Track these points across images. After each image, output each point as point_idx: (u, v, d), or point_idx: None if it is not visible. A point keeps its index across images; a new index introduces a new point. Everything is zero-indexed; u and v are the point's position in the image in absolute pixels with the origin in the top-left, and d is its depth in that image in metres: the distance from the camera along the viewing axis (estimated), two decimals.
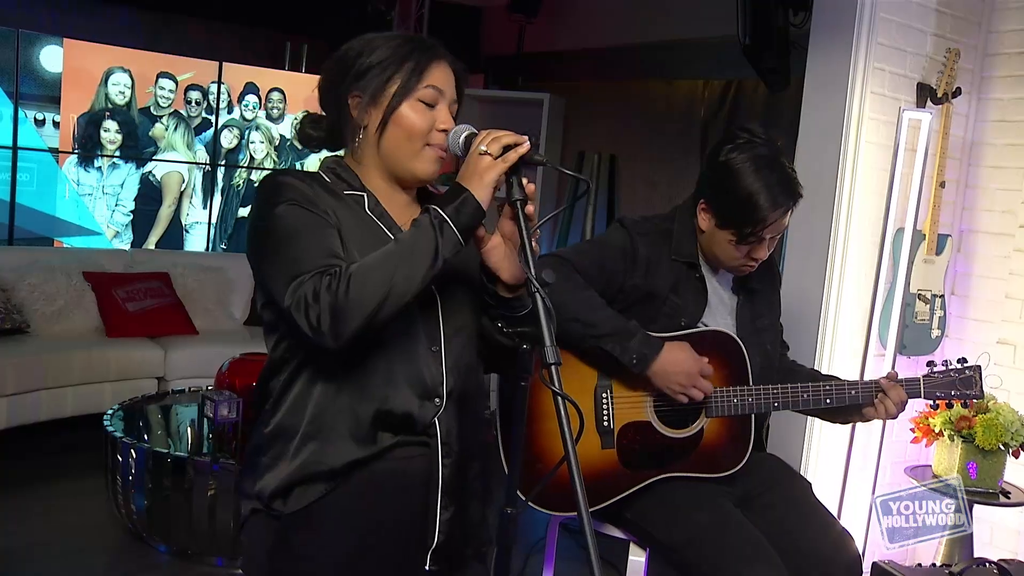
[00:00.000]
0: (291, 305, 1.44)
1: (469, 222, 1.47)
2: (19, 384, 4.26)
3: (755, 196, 2.11)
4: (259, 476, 1.61)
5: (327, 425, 1.56)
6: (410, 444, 1.60)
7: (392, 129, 1.61)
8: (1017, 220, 3.30)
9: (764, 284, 2.37)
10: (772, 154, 2.15)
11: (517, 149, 1.46)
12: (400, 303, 1.45)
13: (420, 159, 1.62)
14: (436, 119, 1.61)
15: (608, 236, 2.33)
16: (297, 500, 1.57)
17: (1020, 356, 3.27)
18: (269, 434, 1.61)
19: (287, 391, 1.60)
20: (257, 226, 1.57)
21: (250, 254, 1.60)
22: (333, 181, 1.63)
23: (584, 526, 1.28)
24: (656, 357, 2.11)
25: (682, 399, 2.14)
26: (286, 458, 1.58)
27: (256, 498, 1.61)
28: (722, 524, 2.09)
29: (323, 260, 1.47)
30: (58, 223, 5.49)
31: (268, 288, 1.53)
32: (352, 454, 1.56)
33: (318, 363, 1.57)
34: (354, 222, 1.59)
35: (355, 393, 1.56)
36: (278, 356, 1.62)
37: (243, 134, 6.10)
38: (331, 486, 1.57)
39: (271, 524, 1.61)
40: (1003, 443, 2.92)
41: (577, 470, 1.30)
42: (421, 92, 1.60)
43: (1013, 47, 3.28)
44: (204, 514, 3.32)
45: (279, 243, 1.51)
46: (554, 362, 1.36)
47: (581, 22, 6.60)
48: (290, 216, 1.52)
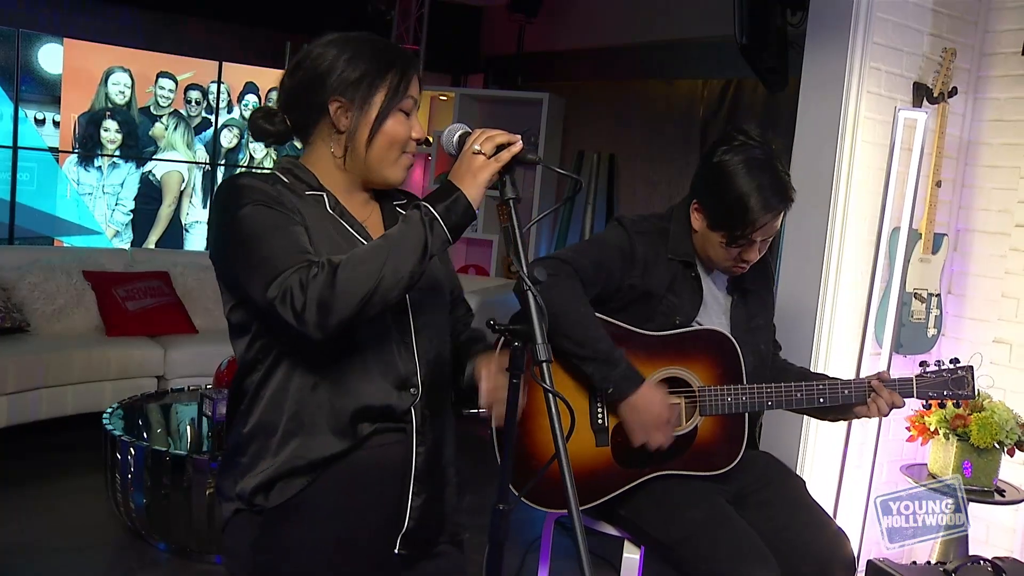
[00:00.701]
0: (275, 298, 1.45)
1: (459, 221, 1.49)
2: (19, 383, 4.28)
3: (746, 198, 2.12)
4: (239, 476, 1.63)
5: (307, 421, 1.59)
6: (388, 431, 1.63)
7: (379, 138, 1.63)
8: (1013, 219, 3.30)
9: (758, 284, 2.38)
10: (766, 157, 2.15)
11: (510, 148, 1.47)
12: (388, 297, 1.46)
13: (397, 166, 1.66)
14: (411, 128, 1.65)
15: (606, 235, 2.34)
16: (279, 494, 1.60)
17: (1016, 355, 3.28)
18: (248, 433, 1.62)
19: (263, 389, 1.62)
20: (223, 229, 1.57)
21: (217, 258, 1.60)
22: (292, 182, 1.65)
23: (574, 522, 1.29)
24: (632, 393, 2.12)
25: (639, 440, 2.14)
26: (268, 455, 1.60)
27: (237, 498, 1.63)
28: (716, 521, 2.10)
29: (299, 256, 1.49)
30: (58, 222, 5.51)
31: (243, 288, 1.54)
32: (334, 447, 1.59)
33: (292, 359, 1.59)
34: (317, 221, 1.61)
35: (332, 388, 1.58)
36: (251, 356, 1.64)
37: (243, 134, 6.11)
38: (312, 478, 1.59)
39: (253, 520, 1.63)
40: (998, 441, 2.93)
41: (568, 467, 1.31)
42: (404, 103, 1.64)
43: (1009, 47, 3.29)
44: (203, 512, 3.33)
45: (250, 243, 1.51)
46: (545, 359, 1.37)
47: (581, 22, 6.62)
48: (258, 216, 1.52)
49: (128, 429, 3.57)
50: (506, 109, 6.58)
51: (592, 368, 2.13)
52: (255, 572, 1.64)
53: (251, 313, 1.61)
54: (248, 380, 1.64)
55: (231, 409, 1.70)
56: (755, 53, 3.80)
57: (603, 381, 2.13)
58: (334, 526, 1.60)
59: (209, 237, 1.66)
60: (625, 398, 2.12)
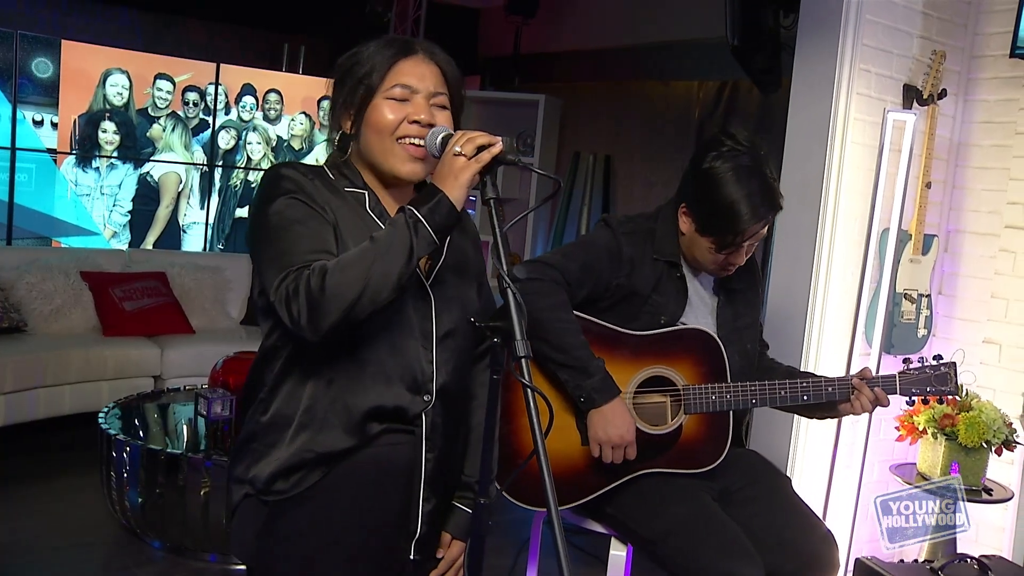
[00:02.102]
0: (275, 300, 1.50)
1: (443, 221, 1.51)
2: (17, 382, 4.31)
3: (736, 206, 2.15)
4: (253, 463, 1.65)
5: (319, 417, 1.61)
6: (397, 431, 1.65)
7: (365, 130, 1.65)
8: (1003, 220, 3.32)
9: (745, 284, 2.41)
10: (755, 164, 2.18)
11: (490, 150, 1.49)
12: (377, 299, 1.48)
13: (394, 156, 1.64)
14: (407, 112, 1.63)
15: (593, 236, 2.36)
16: (291, 486, 1.62)
17: (1006, 355, 3.30)
18: (266, 423, 1.65)
19: (281, 383, 1.65)
20: (256, 217, 1.61)
21: (248, 243, 1.65)
22: (336, 177, 1.68)
23: (552, 517, 1.31)
24: (603, 404, 2.16)
25: (595, 451, 2.18)
26: (281, 446, 1.62)
27: (249, 484, 1.66)
28: (700, 517, 2.12)
29: (311, 254, 1.52)
30: (56, 223, 5.53)
31: (262, 277, 1.58)
32: (344, 443, 1.61)
33: (309, 356, 1.61)
34: (353, 220, 1.63)
35: (347, 386, 1.61)
36: (270, 344, 1.67)
37: (240, 135, 6.13)
38: (324, 472, 1.62)
39: (261, 508, 1.66)
40: (985, 440, 2.95)
41: (546, 462, 1.33)
42: (389, 91, 1.63)
43: (998, 49, 3.31)
44: (198, 510, 3.36)
45: (273, 235, 1.56)
46: (524, 355, 1.39)
47: (578, 23, 6.64)
48: (286, 209, 1.56)
49: (124, 428, 3.59)
50: (502, 110, 6.59)
51: (567, 375, 2.17)
52: (258, 556, 1.67)
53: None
54: (268, 371, 1.66)
55: (248, 396, 1.72)
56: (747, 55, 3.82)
57: (576, 389, 2.16)
58: (337, 519, 1.62)
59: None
60: (596, 408, 2.16)
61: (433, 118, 1.63)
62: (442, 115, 1.66)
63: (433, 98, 1.65)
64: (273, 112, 6.22)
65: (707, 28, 4.99)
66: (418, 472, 1.66)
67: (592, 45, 6.48)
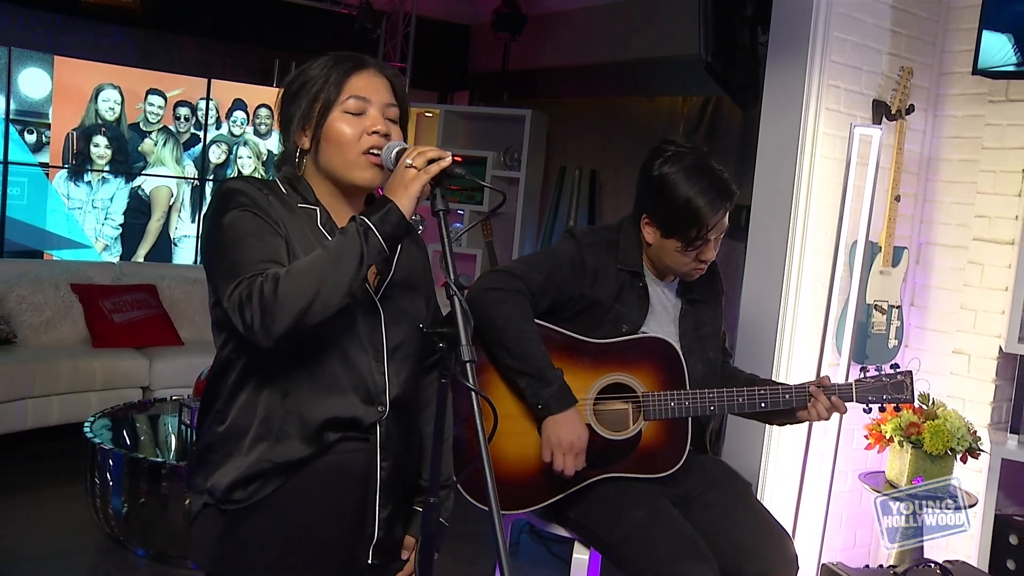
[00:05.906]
0: (229, 307, 1.54)
1: (393, 231, 1.57)
2: (6, 392, 4.37)
3: (693, 201, 2.22)
4: (211, 472, 1.70)
5: (276, 427, 1.66)
6: (352, 439, 1.70)
7: (324, 145, 1.70)
8: (971, 233, 3.39)
9: (707, 294, 2.47)
10: (700, 162, 2.27)
11: (440, 163, 1.55)
12: (329, 305, 1.54)
13: (357, 167, 1.69)
14: (365, 125, 1.69)
15: (558, 247, 2.42)
16: (249, 495, 1.67)
17: (975, 365, 3.36)
18: (222, 433, 1.69)
19: (237, 394, 1.69)
20: (210, 230, 1.66)
21: (203, 255, 1.70)
22: (289, 193, 1.72)
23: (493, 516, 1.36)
24: (559, 412, 2.21)
25: (547, 457, 2.22)
26: (239, 456, 1.67)
27: (208, 493, 1.70)
28: (657, 521, 2.18)
29: (263, 264, 1.56)
30: (48, 236, 5.60)
31: (216, 288, 1.63)
32: (301, 452, 1.66)
33: (264, 366, 1.66)
34: (305, 235, 1.68)
35: (302, 398, 1.65)
36: (225, 356, 1.71)
37: (231, 149, 6.21)
38: (282, 480, 1.66)
39: (220, 517, 1.70)
40: (950, 448, 3.00)
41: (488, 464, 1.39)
42: (345, 104, 1.69)
43: (965, 66, 3.37)
44: (180, 518, 3.40)
45: (226, 247, 1.60)
46: (469, 359, 1.45)
47: (564, 40, 6.72)
48: (238, 221, 1.61)
49: (109, 437, 3.64)
50: (490, 125, 6.67)
51: (526, 383, 2.22)
52: (217, 561, 1.71)
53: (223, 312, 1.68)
54: (223, 382, 1.70)
55: (205, 407, 1.76)
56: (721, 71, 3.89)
57: (534, 396, 2.22)
58: (294, 525, 1.67)
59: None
60: (551, 415, 2.21)
61: (388, 129, 1.70)
62: (395, 129, 1.72)
63: (387, 110, 1.71)
64: (264, 127, 6.30)
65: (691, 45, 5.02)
66: (373, 479, 1.71)
67: (578, 61, 6.57)
